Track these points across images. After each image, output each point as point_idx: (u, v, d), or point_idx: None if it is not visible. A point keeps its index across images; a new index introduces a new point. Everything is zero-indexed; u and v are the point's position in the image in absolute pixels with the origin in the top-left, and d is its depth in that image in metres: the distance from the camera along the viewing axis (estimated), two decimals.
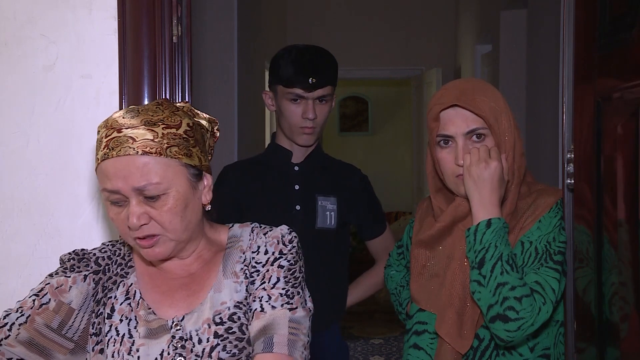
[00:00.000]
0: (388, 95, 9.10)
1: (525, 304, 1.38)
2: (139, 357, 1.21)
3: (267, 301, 1.23)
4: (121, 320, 1.26)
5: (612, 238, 1.31)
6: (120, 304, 1.27)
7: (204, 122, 1.32)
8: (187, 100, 1.83)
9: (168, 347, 1.21)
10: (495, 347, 1.48)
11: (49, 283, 1.26)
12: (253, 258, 1.28)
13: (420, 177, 6.90)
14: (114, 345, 1.24)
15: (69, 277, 1.27)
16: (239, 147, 3.71)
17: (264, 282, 1.25)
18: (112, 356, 1.23)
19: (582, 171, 1.45)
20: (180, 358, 1.21)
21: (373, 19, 6.78)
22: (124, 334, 1.24)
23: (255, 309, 1.23)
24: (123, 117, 1.21)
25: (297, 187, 2.07)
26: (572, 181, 1.50)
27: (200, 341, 1.21)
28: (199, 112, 1.34)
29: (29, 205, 1.74)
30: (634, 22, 1.21)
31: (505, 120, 1.50)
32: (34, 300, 1.24)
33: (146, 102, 1.70)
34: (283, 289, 1.24)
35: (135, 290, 1.29)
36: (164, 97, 1.75)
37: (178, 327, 1.23)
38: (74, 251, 1.32)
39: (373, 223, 2.21)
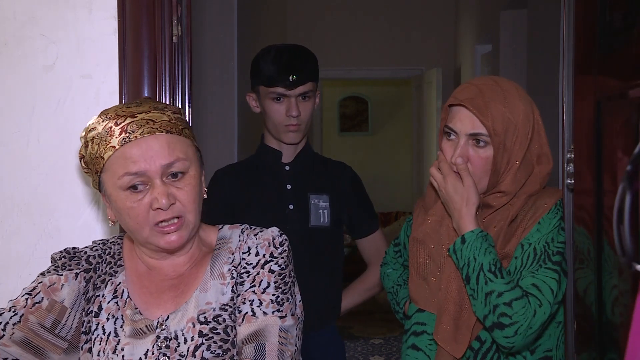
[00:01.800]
0: (388, 95, 9.10)
1: (517, 307, 1.37)
2: (123, 357, 1.21)
3: (258, 306, 1.22)
4: (108, 319, 1.25)
5: (612, 241, 1.30)
6: (108, 303, 1.26)
7: None
8: (187, 100, 1.83)
9: (152, 347, 1.21)
10: (496, 350, 1.48)
11: (41, 282, 1.25)
12: (243, 259, 1.27)
13: (420, 177, 6.90)
14: (99, 344, 1.23)
15: (61, 275, 1.26)
16: (239, 147, 3.70)
17: (254, 285, 1.24)
18: (98, 355, 1.22)
19: (582, 171, 1.45)
20: (164, 358, 1.20)
21: (373, 19, 6.77)
22: (109, 333, 1.23)
23: (246, 313, 1.22)
24: (128, 107, 1.23)
25: (289, 186, 2.07)
26: (572, 181, 1.50)
27: (185, 340, 1.20)
28: None
29: (29, 205, 1.74)
30: (634, 22, 1.21)
31: (520, 134, 1.48)
32: (26, 299, 1.23)
33: None
34: (273, 295, 1.23)
35: (123, 289, 1.28)
36: (164, 97, 1.75)
37: (163, 327, 1.22)
38: (65, 249, 1.31)
39: (365, 220, 2.20)
